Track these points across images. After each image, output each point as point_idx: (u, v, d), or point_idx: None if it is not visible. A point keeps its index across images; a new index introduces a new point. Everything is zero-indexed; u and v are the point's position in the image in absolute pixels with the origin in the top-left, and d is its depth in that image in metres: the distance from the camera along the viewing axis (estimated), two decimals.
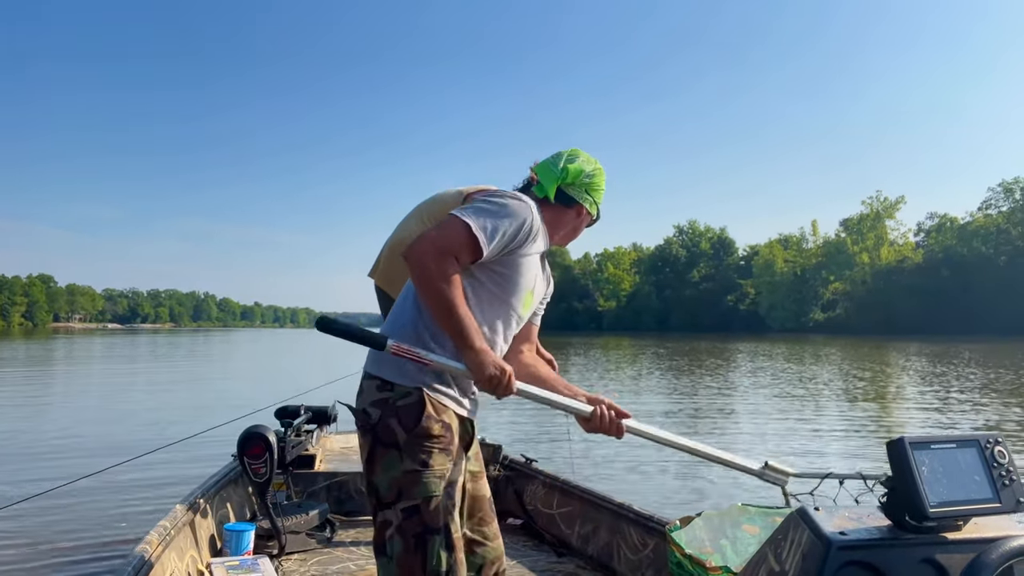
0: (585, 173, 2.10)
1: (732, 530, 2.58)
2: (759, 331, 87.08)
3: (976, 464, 1.50)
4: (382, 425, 1.86)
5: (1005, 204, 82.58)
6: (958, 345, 41.51)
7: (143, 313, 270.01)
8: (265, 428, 3.43)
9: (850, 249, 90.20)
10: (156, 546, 2.67)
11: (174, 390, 16.09)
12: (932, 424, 9.98)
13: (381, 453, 1.85)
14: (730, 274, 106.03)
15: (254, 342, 56.62)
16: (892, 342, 48.87)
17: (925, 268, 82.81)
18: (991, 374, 19.79)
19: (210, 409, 11.33)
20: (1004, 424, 10.42)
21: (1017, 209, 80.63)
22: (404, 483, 1.82)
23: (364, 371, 1.97)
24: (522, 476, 3.98)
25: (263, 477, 3.40)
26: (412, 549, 1.80)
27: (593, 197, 2.13)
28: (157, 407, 12.34)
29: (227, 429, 3.73)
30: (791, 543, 1.50)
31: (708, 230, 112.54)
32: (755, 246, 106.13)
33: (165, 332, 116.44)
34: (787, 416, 10.97)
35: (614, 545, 3.16)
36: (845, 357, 30.10)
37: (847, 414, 11.43)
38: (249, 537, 3.38)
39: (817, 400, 13.54)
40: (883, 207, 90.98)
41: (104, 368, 23.81)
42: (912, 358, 28.95)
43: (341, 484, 4.03)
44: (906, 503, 1.45)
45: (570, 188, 2.08)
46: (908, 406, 12.77)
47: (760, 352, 33.02)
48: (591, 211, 2.14)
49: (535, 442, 8.14)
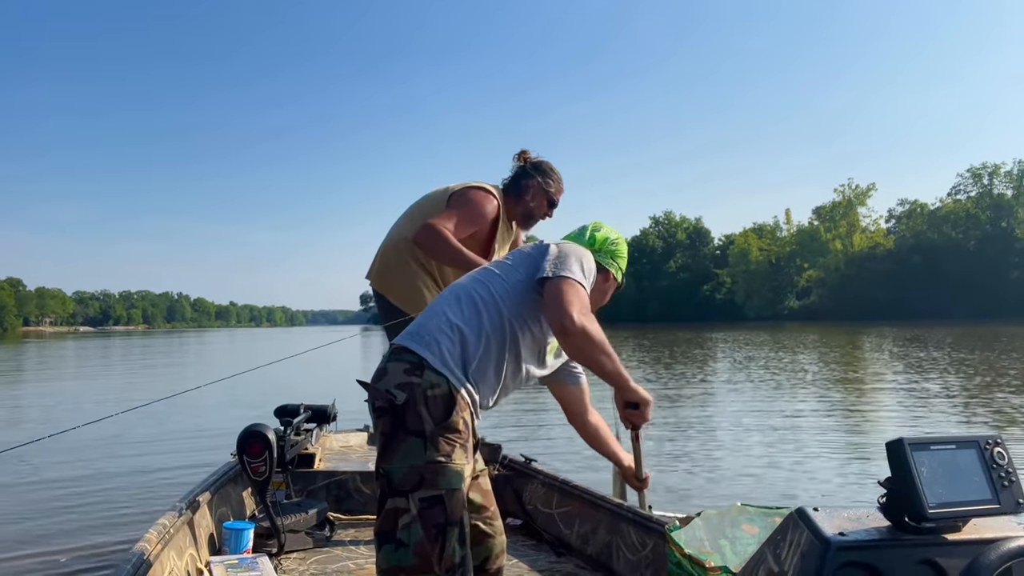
0: (610, 240, 2.30)
1: (731, 530, 2.57)
2: (736, 320, 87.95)
3: (975, 465, 1.51)
4: (410, 410, 1.83)
5: (974, 190, 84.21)
6: (930, 330, 42.24)
7: (115, 315, 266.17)
8: (265, 427, 3.39)
9: (823, 237, 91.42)
10: (155, 544, 2.64)
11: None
12: (909, 413, 10.14)
13: (403, 439, 1.83)
14: (706, 264, 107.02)
15: (231, 343, 56.05)
16: (866, 328, 49.61)
17: (897, 254, 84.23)
18: (963, 358, 20.18)
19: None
20: (983, 410, 10.64)
21: (985, 194, 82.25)
22: (427, 472, 1.81)
23: (392, 349, 1.96)
24: (521, 476, 3.97)
25: (262, 476, 3.37)
26: (432, 537, 1.79)
27: (619, 264, 2.31)
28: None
29: (228, 429, 3.70)
30: (790, 543, 1.50)
31: (684, 220, 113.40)
32: (730, 236, 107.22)
33: (138, 334, 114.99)
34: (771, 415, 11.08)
35: (613, 545, 3.16)
36: (824, 344, 30.51)
37: (829, 409, 11.58)
38: (248, 536, 3.35)
39: (799, 392, 13.71)
40: (855, 194, 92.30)
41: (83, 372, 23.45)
42: (886, 343, 29.43)
43: (340, 483, 4.01)
44: (905, 504, 1.46)
45: (597, 255, 2.24)
46: (886, 395, 13.00)
47: (745, 341, 33.28)
48: (616, 276, 2.32)
49: (533, 441, 8.15)
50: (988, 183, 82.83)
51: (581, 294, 1.96)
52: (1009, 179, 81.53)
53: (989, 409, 10.27)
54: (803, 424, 9.30)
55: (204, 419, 10.69)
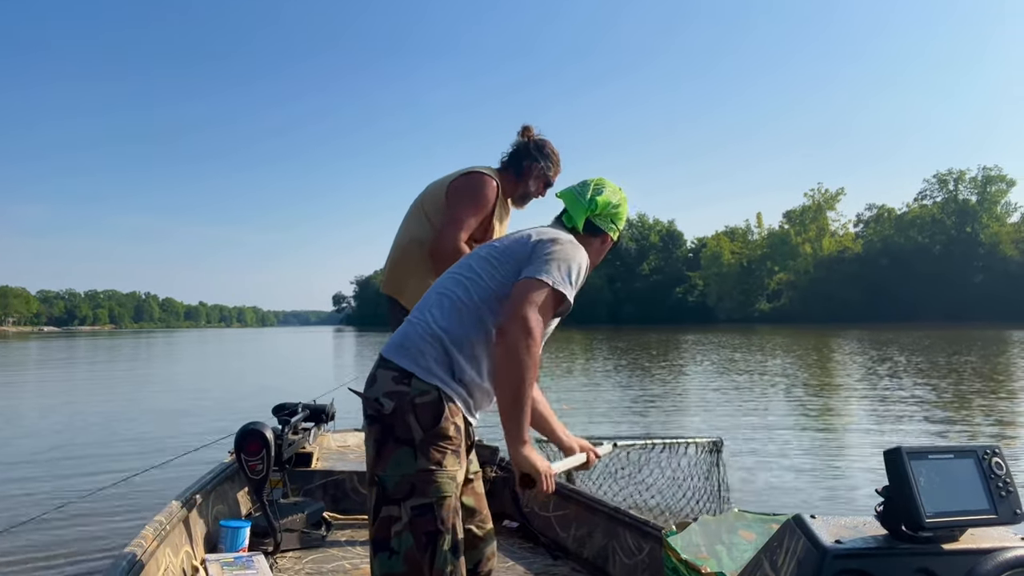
0: (612, 204, 2.15)
1: (728, 536, 2.56)
2: (708, 322, 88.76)
3: (973, 475, 1.50)
4: (398, 420, 1.83)
5: (939, 195, 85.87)
6: (899, 333, 42.95)
7: (81, 315, 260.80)
8: (262, 425, 3.39)
9: (793, 240, 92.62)
10: (151, 541, 2.64)
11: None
12: (903, 419, 10.29)
13: (393, 448, 1.83)
14: (679, 266, 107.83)
15: (212, 343, 55.24)
16: (835, 330, 50.33)
17: (865, 258, 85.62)
18: (949, 364, 20.57)
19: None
20: (944, 410, 10.89)
21: (950, 200, 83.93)
22: (417, 481, 1.81)
23: (380, 357, 1.94)
24: None
25: (260, 474, 3.37)
26: (422, 546, 1.80)
27: (617, 225, 2.20)
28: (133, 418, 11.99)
29: (229, 429, 3.69)
30: (787, 550, 1.49)
31: (657, 223, 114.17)
32: (703, 238, 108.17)
33: (105, 334, 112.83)
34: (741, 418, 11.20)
35: (609, 549, 3.16)
36: (798, 347, 30.89)
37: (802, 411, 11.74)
38: (244, 534, 3.35)
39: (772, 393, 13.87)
40: (824, 199, 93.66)
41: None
42: (861, 346, 29.88)
43: (338, 482, 4.00)
44: (902, 513, 1.45)
45: (597, 219, 2.14)
46: (875, 401, 13.21)
47: (722, 344, 33.55)
48: (614, 238, 2.21)
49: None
50: (953, 189, 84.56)
51: (543, 300, 1.84)
52: (974, 185, 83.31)
53: (965, 414, 10.52)
54: (800, 430, 9.34)
55: (201, 418, 10.60)
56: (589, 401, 12.01)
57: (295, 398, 4.14)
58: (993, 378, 15.32)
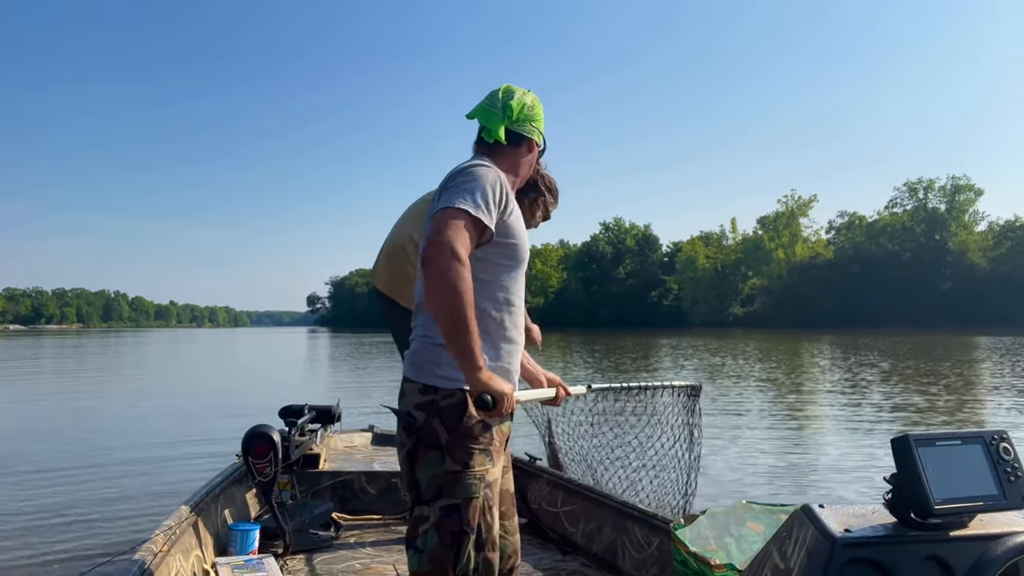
0: (526, 106, 2.05)
1: (737, 528, 2.59)
2: (682, 326, 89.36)
3: (981, 461, 1.50)
4: (425, 426, 1.88)
5: (909, 203, 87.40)
6: (871, 338, 43.62)
7: (48, 313, 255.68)
8: (269, 427, 3.39)
9: (767, 246, 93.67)
10: (162, 546, 2.64)
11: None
12: (906, 412, 10.48)
13: (423, 452, 1.88)
14: (654, 270, 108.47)
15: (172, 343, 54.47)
16: (808, 335, 50.95)
17: (836, 264, 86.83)
18: (894, 364, 20.95)
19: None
20: (908, 405, 11.11)
21: (920, 208, 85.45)
22: (445, 482, 1.86)
23: (404, 375, 1.98)
24: (526, 474, 3.99)
25: (268, 476, 3.37)
26: (447, 545, 1.84)
27: (538, 127, 2.09)
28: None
29: (229, 429, 3.68)
30: (796, 540, 1.49)
31: (633, 227, 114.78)
32: (678, 243, 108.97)
33: (72, 333, 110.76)
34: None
35: (618, 543, 3.19)
36: (777, 351, 31.24)
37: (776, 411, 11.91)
38: (254, 536, 3.35)
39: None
40: (797, 205, 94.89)
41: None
42: (825, 350, 30.31)
43: (346, 483, 4.00)
44: (911, 500, 1.45)
45: (516, 125, 2.04)
46: (828, 394, 13.42)
47: (706, 348, 33.83)
48: (538, 142, 2.11)
49: (538, 440, 8.15)
50: (923, 197, 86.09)
51: (460, 228, 1.75)
52: (943, 193, 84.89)
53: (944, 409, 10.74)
54: (804, 423, 9.44)
55: (202, 422, 10.50)
56: None
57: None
58: (982, 381, 15.66)
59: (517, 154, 2.05)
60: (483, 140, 2.03)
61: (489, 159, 1.99)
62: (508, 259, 1.95)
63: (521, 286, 2.02)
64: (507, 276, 1.96)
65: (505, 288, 1.95)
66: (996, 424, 9.67)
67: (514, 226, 1.94)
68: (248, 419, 3.83)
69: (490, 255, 1.91)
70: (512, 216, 1.94)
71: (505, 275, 1.95)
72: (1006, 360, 22.49)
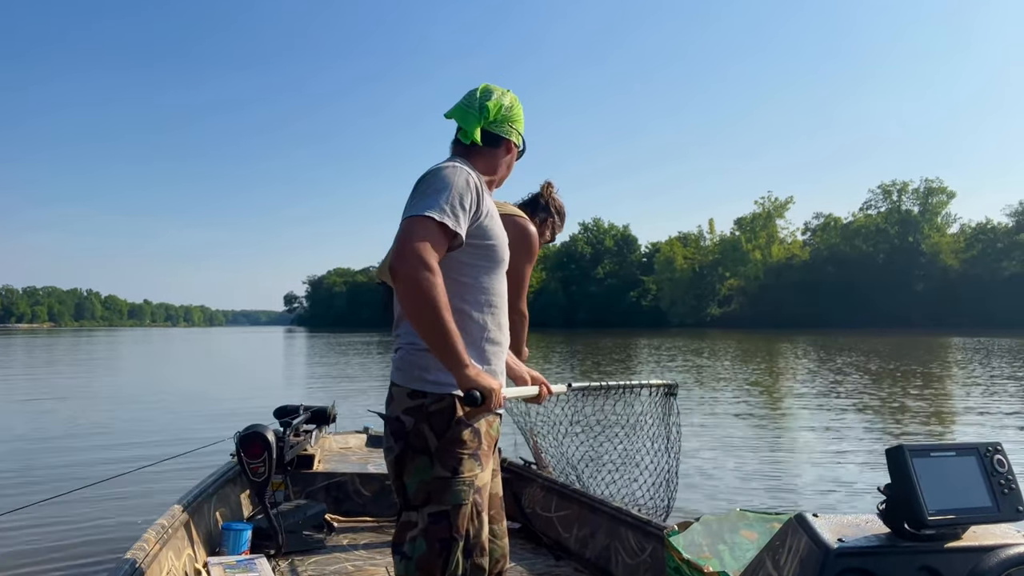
0: (504, 107, 2.03)
1: (730, 535, 2.59)
2: (661, 326, 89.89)
3: (975, 472, 1.50)
4: (414, 431, 1.87)
5: (883, 205, 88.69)
6: (848, 338, 44.15)
7: (18, 312, 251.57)
8: (264, 428, 3.38)
9: (744, 247, 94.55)
10: (153, 544, 2.62)
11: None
12: (904, 420, 10.58)
13: (412, 458, 1.88)
14: (633, 271, 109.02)
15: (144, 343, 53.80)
16: (785, 336, 51.51)
17: (812, 265, 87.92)
18: (867, 362, 21.24)
19: None
20: (876, 401, 11.28)
21: (894, 210, 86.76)
22: (434, 488, 1.85)
23: (391, 380, 1.97)
24: (520, 479, 3.99)
25: (262, 477, 3.36)
26: (436, 552, 1.83)
27: (516, 128, 2.07)
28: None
29: (227, 431, 3.66)
30: (789, 549, 1.49)
31: (612, 228, 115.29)
32: (656, 244, 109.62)
33: (43, 333, 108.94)
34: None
35: (612, 549, 3.19)
36: (750, 351, 31.53)
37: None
38: (247, 536, 3.33)
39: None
40: (774, 207, 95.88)
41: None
42: (803, 351, 30.66)
43: (339, 484, 3.99)
44: (905, 511, 1.45)
45: (493, 126, 2.01)
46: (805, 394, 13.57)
47: (688, 349, 34.02)
48: (517, 143, 2.09)
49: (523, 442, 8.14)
50: (897, 199, 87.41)
51: (427, 233, 1.75)
52: (916, 196, 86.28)
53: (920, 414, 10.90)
54: (798, 430, 9.50)
55: (201, 419, 10.40)
56: None
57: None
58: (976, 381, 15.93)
59: (494, 155, 2.03)
60: (460, 141, 2.01)
61: (465, 160, 1.98)
62: (486, 260, 1.94)
63: (502, 286, 2.02)
64: (487, 277, 1.95)
65: (485, 290, 1.95)
66: (982, 426, 9.83)
67: (490, 227, 1.94)
68: (230, 422, 3.80)
69: (467, 257, 1.90)
70: (488, 217, 1.93)
71: (484, 276, 1.95)
72: (977, 360, 22.91)
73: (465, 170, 1.89)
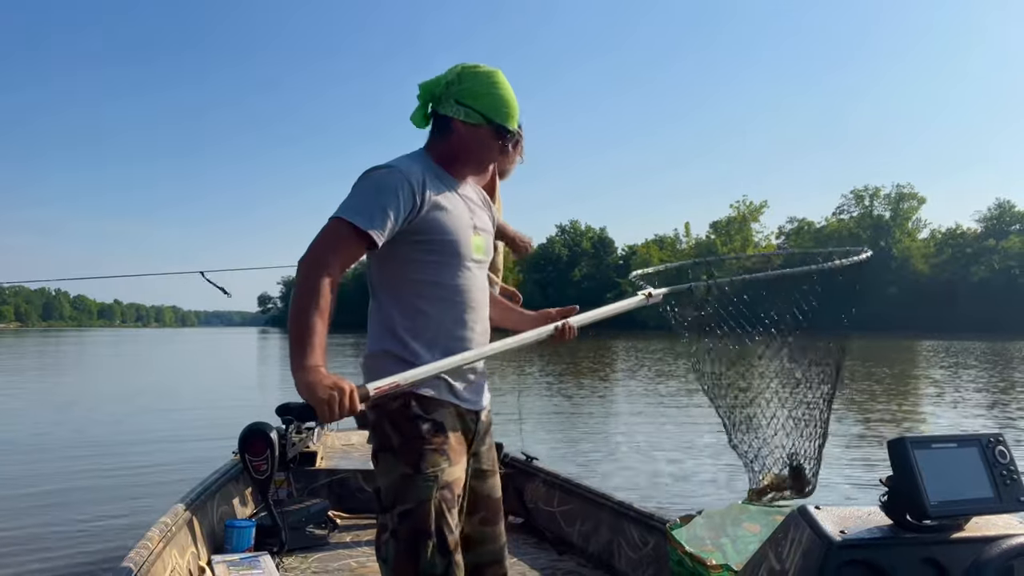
0: (447, 82, 1.89)
1: (733, 528, 2.60)
2: (637, 329, 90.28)
3: (977, 463, 1.50)
4: (379, 429, 1.87)
5: (856, 210, 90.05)
6: (817, 340, 44.54)
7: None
8: (267, 425, 3.38)
9: (719, 250, 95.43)
10: (157, 543, 2.62)
11: None
12: (899, 412, 10.77)
13: (380, 457, 1.87)
14: (610, 273, 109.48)
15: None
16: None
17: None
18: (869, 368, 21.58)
19: None
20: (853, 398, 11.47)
21: (866, 215, 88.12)
22: (399, 487, 1.82)
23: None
24: (523, 474, 4.00)
25: (264, 474, 3.36)
26: (406, 553, 1.79)
27: (470, 105, 1.86)
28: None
29: (228, 429, 3.65)
30: (792, 542, 1.49)
31: (589, 230, 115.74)
32: (633, 246, 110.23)
33: (10, 333, 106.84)
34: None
35: (615, 543, 3.20)
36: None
37: None
38: (250, 534, 3.33)
39: None
40: (749, 211, 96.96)
41: None
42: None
43: (342, 481, 3.99)
44: (907, 502, 1.46)
45: (440, 106, 1.89)
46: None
47: (667, 351, 34.22)
48: (470, 120, 1.87)
49: (535, 440, 8.16)
50: (869, 204, 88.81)
51: (333, 234, 1.75)
52: (888, 201, 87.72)
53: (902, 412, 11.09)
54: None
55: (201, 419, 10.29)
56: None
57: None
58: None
59: (446, 140, 1.91)
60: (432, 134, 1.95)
61: (422, 151, 1.94)
62: (439, 255, 1.87)
63: (470, 280, 1.92)
64: (447, 272, 1.88)
65: (443, 285, 1.88)
66: (973, 419, 10.05)
67: (440, 220, 1.85)
68: (227, 423, 3.78)
69: (418, 254, 1.86)
70: (435, 210, 1.84)
71: (443, 271, 1.88)
72: (947, 361, 23.36)
73: (398, 169, 1.82)
